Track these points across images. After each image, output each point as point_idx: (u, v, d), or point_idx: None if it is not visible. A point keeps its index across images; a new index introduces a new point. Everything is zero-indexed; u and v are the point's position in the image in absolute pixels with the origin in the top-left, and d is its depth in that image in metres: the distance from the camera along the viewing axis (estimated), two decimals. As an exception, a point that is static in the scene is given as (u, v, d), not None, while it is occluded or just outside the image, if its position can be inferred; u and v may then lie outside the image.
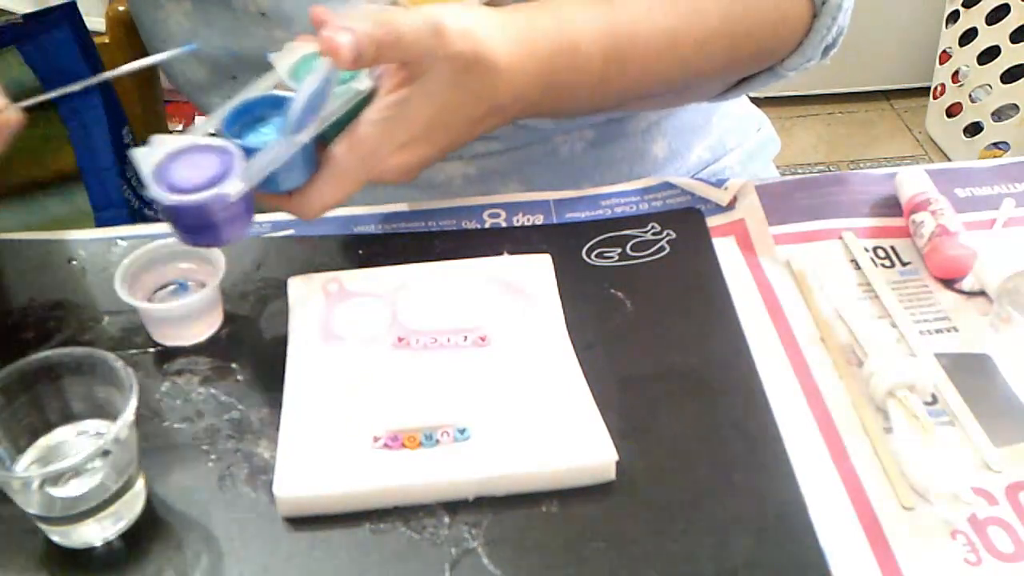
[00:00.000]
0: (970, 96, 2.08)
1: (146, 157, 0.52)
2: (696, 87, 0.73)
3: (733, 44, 0.67)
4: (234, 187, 0.51)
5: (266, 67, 0.56)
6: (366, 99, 0.55)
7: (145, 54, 0.82)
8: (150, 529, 0.50)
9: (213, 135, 0.54)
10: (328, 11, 0.55)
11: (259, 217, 0.69)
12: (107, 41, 0.91)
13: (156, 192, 0.51)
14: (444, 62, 0.54)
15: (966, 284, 0.62)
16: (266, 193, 0.55)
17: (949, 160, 2.15)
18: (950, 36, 2.13)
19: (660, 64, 0.65)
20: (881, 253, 0.65)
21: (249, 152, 0.53)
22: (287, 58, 0.56)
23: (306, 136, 0.53)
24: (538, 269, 0.63)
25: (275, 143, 0.53)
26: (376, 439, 0.52)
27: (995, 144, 2.04)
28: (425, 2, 0.57)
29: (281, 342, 0.58)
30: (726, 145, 0.86)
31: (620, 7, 0.63)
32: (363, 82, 0.54)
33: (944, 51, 2.17)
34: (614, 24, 0.62)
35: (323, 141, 0.55)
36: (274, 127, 0.55)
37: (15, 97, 0.82)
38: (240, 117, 0.55)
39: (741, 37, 0.67)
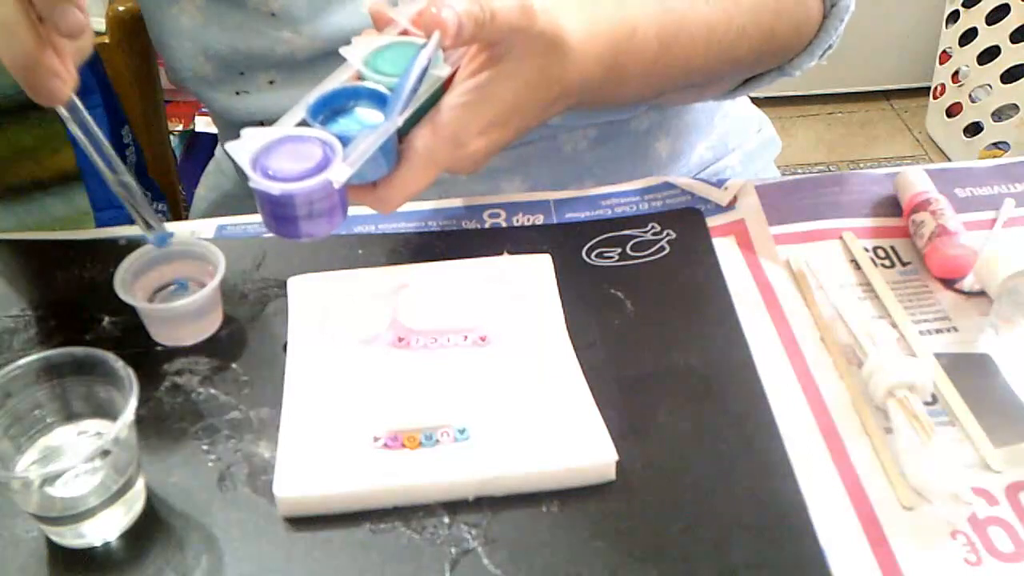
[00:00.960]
0: (970, 96, 2.08)
1: (241, 149, 0.51)
2: (721, 81, 0.74)
3: (764, 39, 0.68)
4: (340, 172, 0.50)
5: (272, 63, 0.55)
6: (440, 87, 0.55)
7: (144, 54, 0.82)
8: (150, 529, 0.50)
9: (301, 126, 0.53)
10: (384, 4, 0.55)
11: (260, 217, 0.69)
12: (107, 41, 0.91)
13: (261, 183, 0.50)
14: (529, 41, 0.54)
15: (966, 284, 0.62)
16: (352, 184, 0.53)
17: (949, 160, 2.15)
18: (950, 36, 2.13)
19: (703, 52, 0.66)
20: (881, 253, 0.65)
21: (343, 140, 0.51)
22: (359, 50, 0.55)
23: (401, 119, 0.52)
24: (538, 269, 0.63)
25: (374, 128, 0.51)
26: (376, 439, 0.52)
27: (995, 144, 2.04)
28: None
29: (281, 342, 0.58)
30: (728, 145, 0.86)
31: None
32: (443, 69, 0.54)
33: (944, 51, 2.17)
34: (665, 11, 0.63)
35: (400, 132, 0.54)
36: (355, 118, 0.54)
37: (15, 97, 0.82)
38: (320, 109, 0.54)
39: (771, 32, 0.68)
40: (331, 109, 0.54)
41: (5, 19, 0.48)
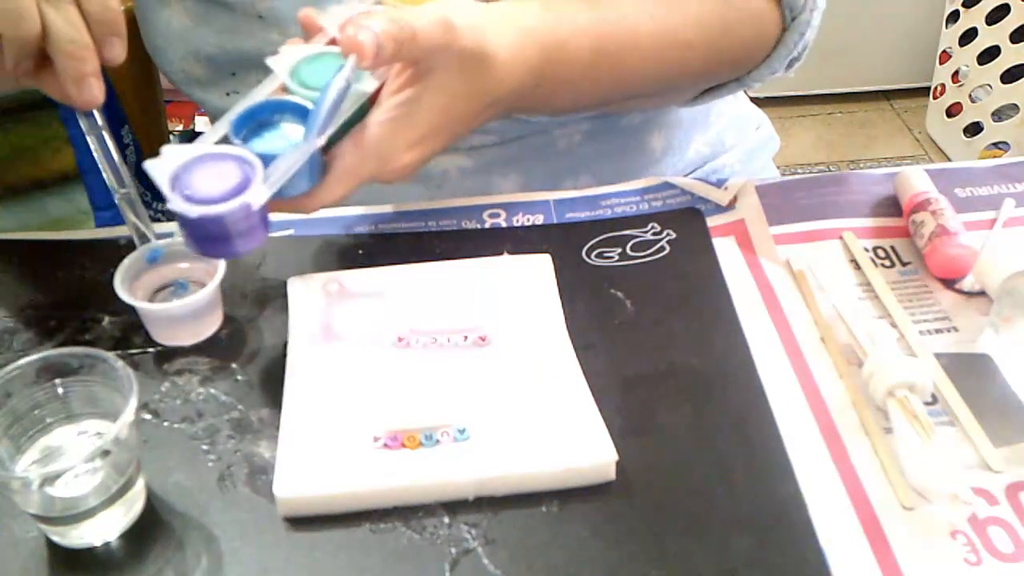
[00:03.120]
0: (970, 96, 2.08)
1: (160, 168, 0.51)
2: (672, 92, 0.74)
3: (712, 53, 0.69)
4: (259, 195, 0.50)
5: (262, 64, 0.56)
6: (367, 101, 0.56)
7: (144, 54, 0.82)
8: (150, 529, 0.50)
9: (221, 143, 0.54)
10: (316, 12, 0.55)
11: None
12: (107, 41, 0.90)
13: (178, 204, 0.50)
14: (452, 58, 0.55)
15: (966, 284, 0.62)
16: (275, 200, 0.54)
17: (949, 160, 2.15)
18: (950, 36, 2.13)
19: (643, 65, 0.66)
20: (881, 253, 0.65)
21: (263, 159, 0.52)
22: (284, 61, 0.55)
23: (323, 139, 0.52)
24: (538, 269, 0.63)
25: (294, 148, 0.52)
26: (376, 439, 0.52)
27: (995, 144, 2.04)
28: (407, 2, 0.57)
29: (281, 342, 0.58)
30: (725, 143, 0.86)
31: (607, 8, 0.64)
32: (368, 84, 0.54)
33: (944, 51, 2.17)
34: (602, 23, 0.64)
35: (326, 145, 0.55)
36: (280, 131, 0.55)
37: (15, 97, 0.82)
38: (245, 123, 0.55)
39: (720, 46, 0.69)
40: (256, 122, 0.55)
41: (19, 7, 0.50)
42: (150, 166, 0.51)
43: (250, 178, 0.51)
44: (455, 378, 0.56)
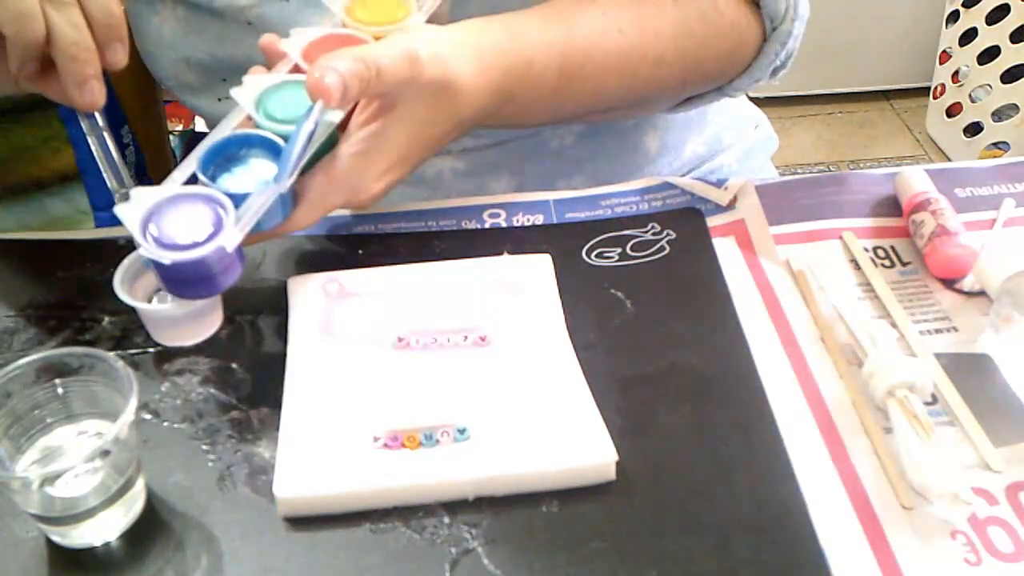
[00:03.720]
0: (970, 96, 2.08)
1: (131, 213, 0.52)
2: (648, 104, 0.75)
3: (687, 66, 0.69)
4: (232, 238, 0.51)
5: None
6: (335, 130, 0.56)
7: (139, 55, 0.82)
8: (150, 529, 0.50)
9: (191, 181, 0.54)
10: (276, 38, 0.57)
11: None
12: (107, 41, 0.91)
13: (151, 251, 0.50)
14: (418, 91, 0.56)
15: (966, 284, 0.62)
16: (248, 234, 0.54)
17: (949, 160, 2.15)
18: (950, 36, 2.13)
19: (614, 81, 0.66)
20: (881, 253, 0.65)
21: (234, 198, 0.52)
22: (248, 92, 0.56)
23: (294, 178, 0.53)
24: (538, 269, 0.63)
25: (264, 187, 0.53)
26: (376, 439, 0.52)
27: (995, 144, 2.04)
28: (370, 23, 0.58)
29: (281, 342, 0.58)
30: (723, 141, 0.86)
31: (575, 26, 0.64)
32: (336, 115, 0.54)
33: (944, 51, 2.17)
34: (569, 40, 0.64)
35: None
36: (248, 166, 0.55)
37: (15, 97, 0.82)
38: (213, 159, 0.55)
39: (695, 60, 0.69)
40: (224, 157, 0.55)
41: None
42: (119, 211, 0.52)
43: (222, 219, 0.51)
44: (455, 378, 0.56)
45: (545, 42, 0.63)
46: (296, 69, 0.57)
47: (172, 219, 0.52)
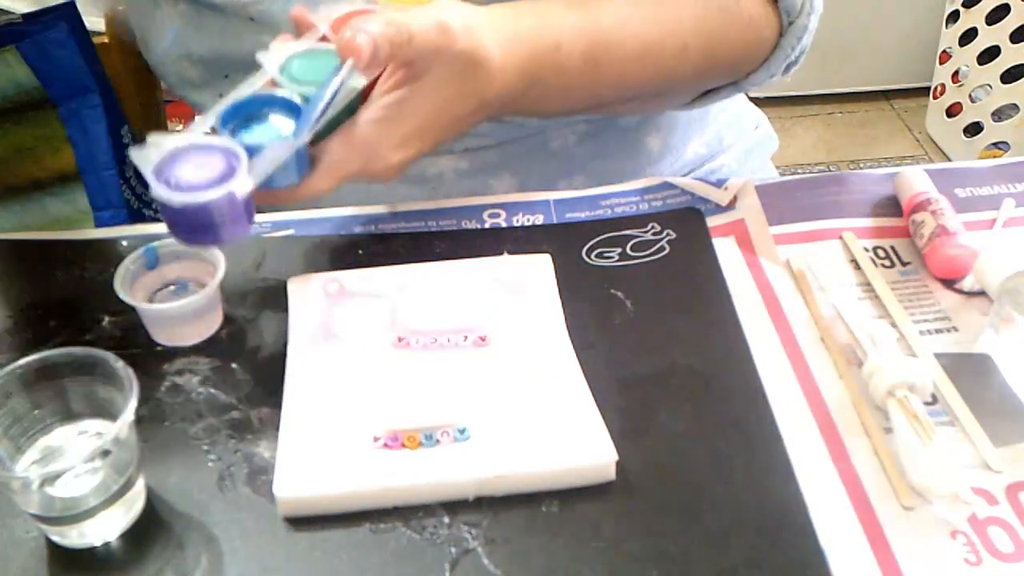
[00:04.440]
0: (970, 96, 2.08)
1: (145, 156, 0.52)
2: (668, 95, 0.74)
3: (708, 57, 0.68)
4: (243, 185, 0.51)
5: (256, 67, 0.56)
6: (358, 96, 0.56)
7: (141, 54, 0.82)
8: (150, 529, 0.50)
9: (210, 134, 0.54)
10: (307, 10, 0.56)
11: (259, 217, 0.70)
12: (106, 41, 0.91)
13: (161, 192, 0.50)
14: (447, 60, 0.55)
15: (966, 284, 0.62)
16: (261, 191, 0.55)
17: (949, 160, 2.15)
18: (950, 36, 2.13)
19: (637, 69, 0.66)
20: (881, 253, 0.65)
21: (250, 150, 0.52)
22: (274, 57, 0.56)
23: (309, 136, 0.53)
24: (538, 269, 0.63)
25: (281, 140, 0.53)
26: (376, 439, 0.52)
27: (995, 144, 2.04)
28: (400, 1, 0.57)
29: (281, 342, 0.58)
30: (723, 142, 0.86)
31: (600, 12, 0.64)
32: (359, 80, 0.55)
33: (944, 51, 2.17)
34: (594, 27, 0.64)
35: (315, 139, 0.56)
36: (268, 124, 0.55)
37: (15, 97, 0.82)
38: (233, 116, 0.55)
39: (716, 51, 0.69)
40: (245, 116, 0.55)
41: None
42: (135, 154, 0.52)
43: (235, 168, 0.51)
44: (455, 378, 0.56)
45: (571, 26, 0.63)
46: (324, 40, 0.57)
47: (186, 165, 0.52)
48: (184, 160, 0.52)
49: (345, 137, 0.55)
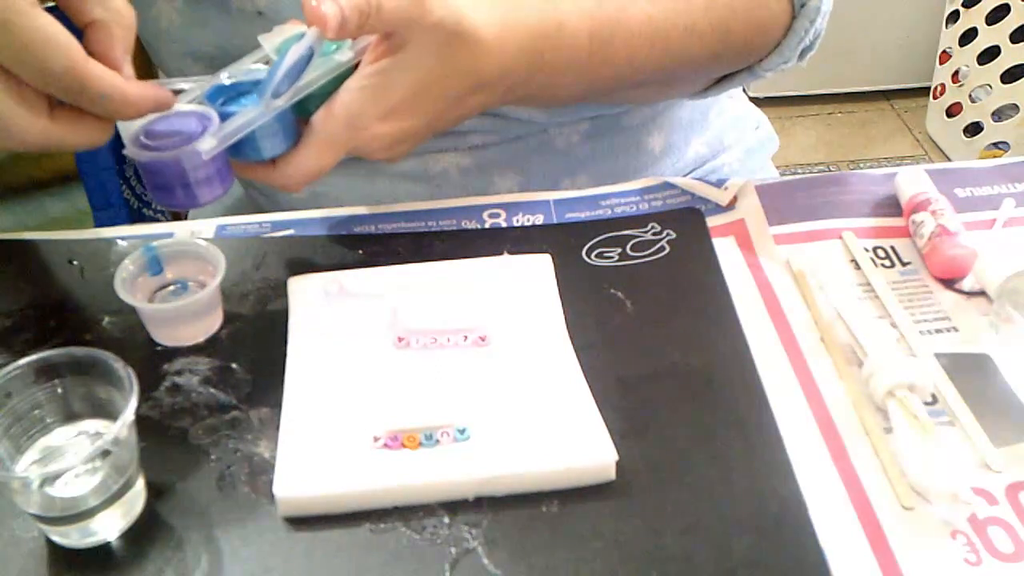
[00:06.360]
0: (970, 96, 2.08)
1: (129, 124, 0.54)
2: (680, 80, 0.73)
3: (718, 38, 0.67)
4: (207, 143, 0.52)
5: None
6: (348, 71, 0.56)
7: (141, 54, 0.82)
8: (150, 529, 0.50)
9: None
10: None
11: (259, 217, 0.70)
12: (107, 41, 0.90)
13: (131, 151, 0.53)
14: (425, 32, 0.55)
15: (966, 284, 0.62)
16: (248, 161, 0.56)
17: (949, 160, 2.15)
18: (950, 36, 2.13)
19: (646, 50, 0.65)
20: (881, 253, 0.65)
21: (225, 117, 0.54)
22: (275, 38, 0.56)
23: (283, 101, 0.54)
24: (538, 269, 0.63)
25: (250, 107, 0.54)
26: (376, 439, 0.52)
27: (995, 144, 2.04)
28: None
29: (281, 342, 0.58)
30: (724, 142, 0.86)
31: None
32: (345, 54, 0.55)
33: (944, 51, 2.17)
34: (600, 6, 0.63)
35: (306, 115, 0.56)
36: (255, 99, 0.56)
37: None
38: (225, 91, 0.56)
39: (726, 31, 0.68)
40: (236, 91, 0.57)
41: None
42: (121, 124, 0.54)
43: (205, 131, 0.53)
44: (455, 378, 0.56)
45: (575, 6, 0.62)
46: None
47: (161, 128, 0.54)
48: (161, 124, 0.54)
49: (328, 107, 0.56)
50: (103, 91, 0.50)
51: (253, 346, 0.59)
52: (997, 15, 1.98)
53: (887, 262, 0.65)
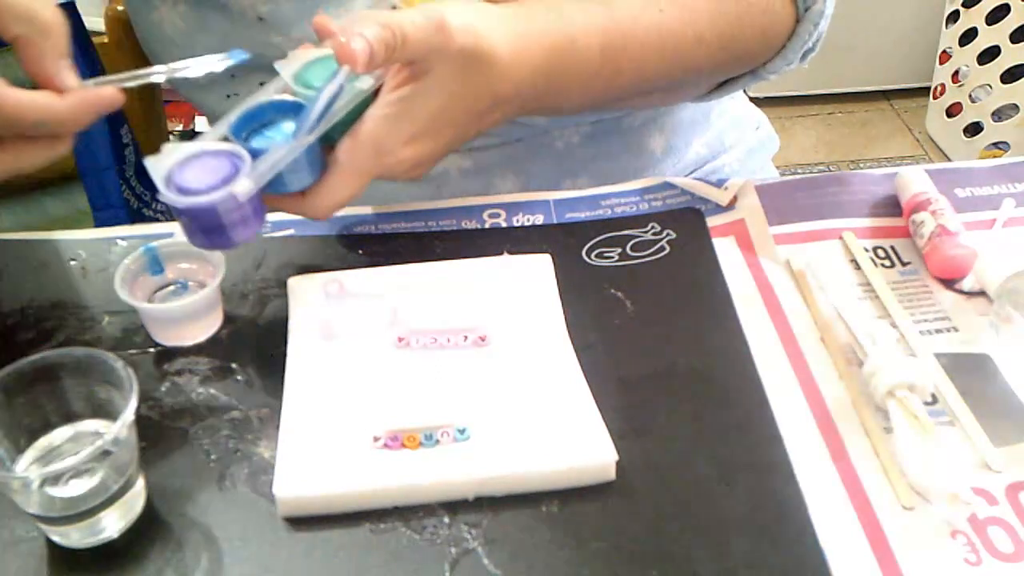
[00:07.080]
0: (970, 96, 2.08)
1: (158, 163, 0.53)
2: (685, 87, 0.74)
3: (723, 45, 0.68)
4: (243, 186, 0.52)
5: (262, 66, 0.57)
6: (369, 98, 0.56)
7: (142, 54, 0.82)
8: (150, 529, 0.50)
9: (223, 141, 0.55)
10: (329, 19, 0.56)
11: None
12: (106, 41, 0.91)
13: (168, 196, 0.52)
14: (448, 58, 0.55)
15: (966, 284, 0.62)
16: (276, 195, 0.56)
17: (949, 160, 2.15)
18: (950, 36, 2.13)
19: (655, 61, 0.66)
20: (881, 253, 0.65)
21: (256, 155, 0.53)
22: (292, 65, 0.57)
23: (312, 136, 0.53)
24: (538, 269, 0.63)
25: (282, 143, 0.53)
26: (376, 439, 0.52)
27: (995, 144, 2.04)
28: (422, 0, 0.57)
29: (281, 342, 0.58)
30: (724, 142, 0.86)
31: (614, 4, 0.64)
32: (365, 81, 0.55)
33: (944, 51, 2.17)
34: (610, 20, 0.63)
35: (329, 142, 0.56)
36: (281, 131, 0.56)
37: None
38: (247, 123, 0.56)
39: (733, 39, 0.68)
40: (258, 123, 0.56)
41: None
42: (149, 163, 0.53)
43: (238, 172, 0.53)
44: (455, 378, 0.56)
45: (586, 20, 0.62)
46: None
47: (194, 170, 0.53)
48: (193, 166, 0.53)
49: (352, 135, 0.56)
50: (34, 120, 0.50)
51: (253, 346, 0.59)
52: (997, 15, 1.98)
53: (887, 262, 0.65)
